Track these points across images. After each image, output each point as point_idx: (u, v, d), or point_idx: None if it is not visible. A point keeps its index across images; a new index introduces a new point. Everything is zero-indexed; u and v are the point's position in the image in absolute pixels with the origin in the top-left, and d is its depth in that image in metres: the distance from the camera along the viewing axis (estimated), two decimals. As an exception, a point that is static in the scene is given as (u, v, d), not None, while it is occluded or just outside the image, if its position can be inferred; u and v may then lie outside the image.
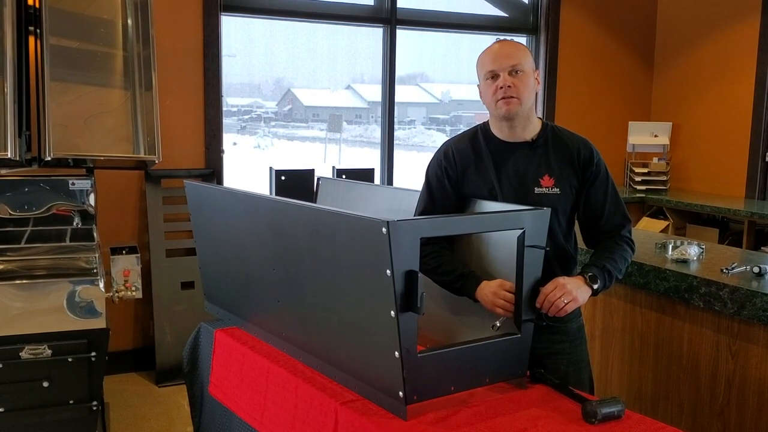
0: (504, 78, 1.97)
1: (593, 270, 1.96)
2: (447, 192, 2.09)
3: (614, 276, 1.99)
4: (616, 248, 2.04)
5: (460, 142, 2.11)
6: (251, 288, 2.24)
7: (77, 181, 3.15)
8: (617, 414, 1.67)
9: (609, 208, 2.07)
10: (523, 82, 1.97)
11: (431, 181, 2.12)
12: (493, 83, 1.99)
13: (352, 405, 1.75)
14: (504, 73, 1.97)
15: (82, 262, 2.75)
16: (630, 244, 2.08)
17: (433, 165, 2.13)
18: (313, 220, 1.83)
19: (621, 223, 2.09)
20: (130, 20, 3.20)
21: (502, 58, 1.98)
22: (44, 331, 2.59)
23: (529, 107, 2.03)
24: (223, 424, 2.31)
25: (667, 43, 5.64)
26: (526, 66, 1.99)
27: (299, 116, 5.20)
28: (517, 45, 2.03)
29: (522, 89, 1.97)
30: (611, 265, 1.99)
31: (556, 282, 1.86)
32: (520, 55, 1.99)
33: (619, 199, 2.11)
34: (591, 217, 2.09)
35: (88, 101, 3.10)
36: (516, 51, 2.00)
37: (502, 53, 1.99)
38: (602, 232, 2.09)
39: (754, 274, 2.43)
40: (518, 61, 1.97)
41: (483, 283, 1.90)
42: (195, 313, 3.86)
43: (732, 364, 2.38)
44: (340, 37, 4.90)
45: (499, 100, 1.98)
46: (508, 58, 1.97)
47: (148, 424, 3.51)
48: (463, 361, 1.75)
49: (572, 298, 1.85)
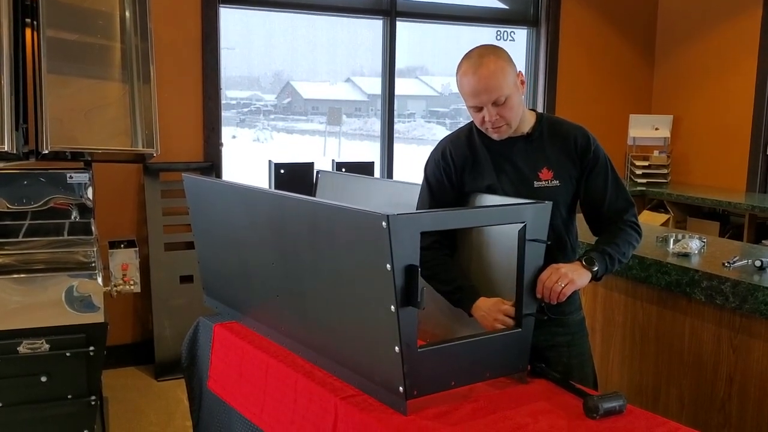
0: (489, 111, 1.91)
1: (591, 254, 1.94)
2: (446, 190, 2.07)
3: (616, 259, 1.96)
4: (618, 232, 2.01)
5: (457, 141, 2.09)
6: (250, 282, 2.23)
7: (75, 174, 3.13)
8: (619, 409, 1.66)
9: (610, 194, 2.05)
10: (508, 107, 1.92)
11: (430, 181, 2.10)
12: (478, 113, 1.95)
13: (352, 400, 1.74)
14: (487, 106, 1.91)
15: (80, 255, 2.74)
16: (634, 227, 2.05)
17: (431, 165, 2.11)
18: (312, 213, 1.82)
19: (624, 207, 2.06)
20: (128, 12, 3.17)
21: (481, 95, 1.89)
22: (42, 326, 2.58)
23: (521, 112, 1.99)
24: (222, 419, 2.30)
25: (668, 35, 5.62)
26: (508, 89, 1.90)
27: (298, 109, 5.18)
28: (492, 71, 1.88)
29: (509, 115, 1.93)
30: (612, 248, 1.96)
31: (552, 268, 1.84)
32: (500, 84, 1.88)
33: (621, 184, 2.08)
34: (593, 205, 2.06)
35: (85, 94, 3.08)
36: (494, 81, 1.87)
37: (481, 88, 1.88)
38: (606, 218, 2.06)
39: (755, 267, 2.42)
40: (499, 93, 1.88)
41: (480, 300, 1.89)
42: (194, 308, 3.85)
43: (733, 358, 2.37)
44: (339, 30, 4.88)
45: (489, 129, 1.97)
46: (488, 93, 1.88)
47: (147, 418, 3.50)
48: (464, 356, 1.74)
49: (569, 281, 1.82)
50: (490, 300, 1.88)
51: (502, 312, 1.84)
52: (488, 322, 1.86)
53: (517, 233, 1.79)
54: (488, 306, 1.87)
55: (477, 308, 1.89)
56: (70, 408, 2.66)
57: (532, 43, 5.35)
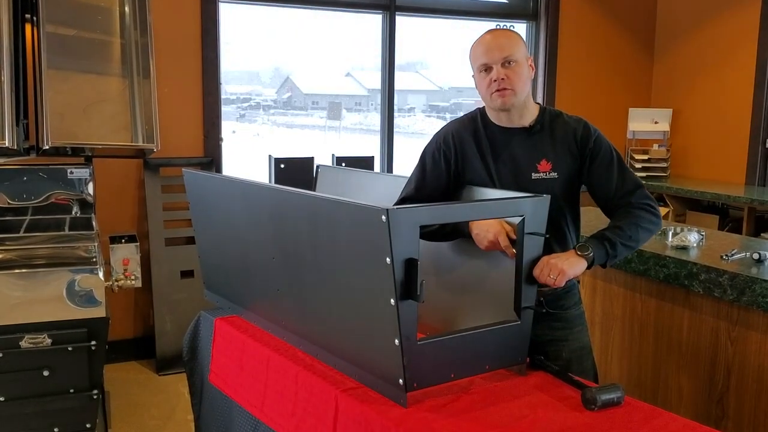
0: (497, 71, 1.95)
1: (587, 241, 1.94)
2: (440, 174, 2.08)
3: (617, 243, 1.93)
4: (626, 216, 1.99)
5: (460, 127, 2.10)
6: (251, 276, 2.24)
7: (76, 169, 3.14)
8: (617, 400, 1.67)
9: (617, 181, 2.04)
10: (517, 72, 1.95)
11: (426, 161, 2.11)
12: (486, 76, 1.97)
13: (353, 392, 1.75)
14: (497, 65, 1.95)
15: (81, 251, 2.75)
16: (647, 208, 2.01)
17: (431, 146, 2.12)
18: (312, 208, 1.83)
19: (632, 190, 2.04)
20: (128, 7, 3.18)
21: (493, 51, 1.95)
22: (44, 320, 2.59)
23: (526, 95, 2.01)
24: (224, 413, 2.31)
25: (667, 28, 5.61)
26: (519, 56, 1.96)
27: (298, 104, 5.18)
28: (508, 34, 2.00)
29: (516, 80, 1.95)
30: (612, 232, 1.95)
31: (542, 261, 1.84)
32: (512, 45, 1.96)
33: (627, 169, 2.07)
34: (603, 193, 2.06)
35: (85, 89, 3.09)
36: (507, 41, 1.97)
37: (494, 45, 1.96)
38: (617, 204, 2.05)
39: (753, 260, 2.43)
40: (510, 52, 1.95)
41: (478, 221, 1.90)
42: (195, 302, 3.87)
43: (731, 350, 2.38)
44: (339, 24, 4.88)
45: (494, 93, 1.97)
46: (500, 50, 1.95)
47: (149, 412, 3.52)
48: (463, 349, 1.75)
49: (559, 271, 1.81)
50: (489, 220, 1.88)
51: (504, 231, 1.85)
52: (482, 239, 1.87)
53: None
54: (488, 223, 1.87)
55: (475, 225, 1.90)
56: (72, 402, 2.68)
57: (531, 37, 5.35)
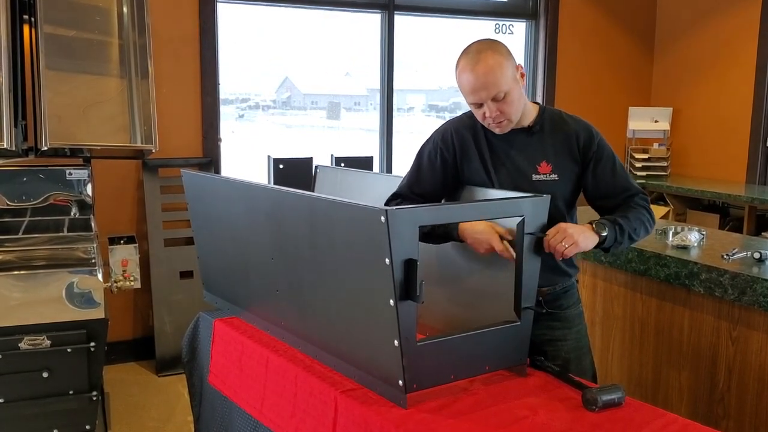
0: (488, 107, 1.91)
1: (602, 220, 1.93)
2: (436, 173, 2.06)
3: (626, 231, 1.93)
4: (630, 209, 2.00)
5: (460, 126, 2.08)
6: (250, 277, 2.23)
7: (74, 170, 3.13)
8: (617, 401, 1.66)
9: (618, 187, 2.04)
10: (508, 102, 1.91)
11: (422, 159, 2.09)
12: (478, 109, 1.95)
13: (352, 394, 1.74)
14: (487, 102, 1.91)
15: (80, 252, 2.74)
16: (647, 209, 2.02)
17: (429, 144, 2.11)
18: (311, 208, 1.82)
19: (635, 193, 2.05)
20: (126, 8, 3.17)
21: (479, 91, 1.89)
22: (43, 322, 2.59)
23: (522, 107, 1.98)
24: (223, 414, 2.31)
25: (667, 27, 5.61)
26: (507, 85, 1.89)
27: (297, 104, 5.17)
28: (490, 67, 1.87)
29: (509, 110, 1.92)
30: (623, 220, 1.94)
31: (559, 226, 1.83)
32: (497, 79, 1.87)
33: (627, 175, 2.07)
34: (604, 197, 2.05)
35: (84, 90, 3.08)
36: (492, 77, 1.86)
37: (479, 86, 1.88)
38: (616, 204, 2.04)
39: (754, 259, 2.43)
40: (498, 88, 1.88)
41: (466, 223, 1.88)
42: (194, 303, 3.86)
43: (732, 350, 2.37)
44: (338, 24, 4.87)
45: (490, 125, 1.97)
46: (486, 90, 1.88)
47: (149, 413, 3.51)
48: (463, 350, 1.74)
49: (573, 242, 1.81)
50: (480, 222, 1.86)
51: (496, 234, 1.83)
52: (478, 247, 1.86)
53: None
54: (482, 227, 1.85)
55: (466, 229, 1.88)
56: (71, 403, 2.67)
57: (531, 36, 5.34)
